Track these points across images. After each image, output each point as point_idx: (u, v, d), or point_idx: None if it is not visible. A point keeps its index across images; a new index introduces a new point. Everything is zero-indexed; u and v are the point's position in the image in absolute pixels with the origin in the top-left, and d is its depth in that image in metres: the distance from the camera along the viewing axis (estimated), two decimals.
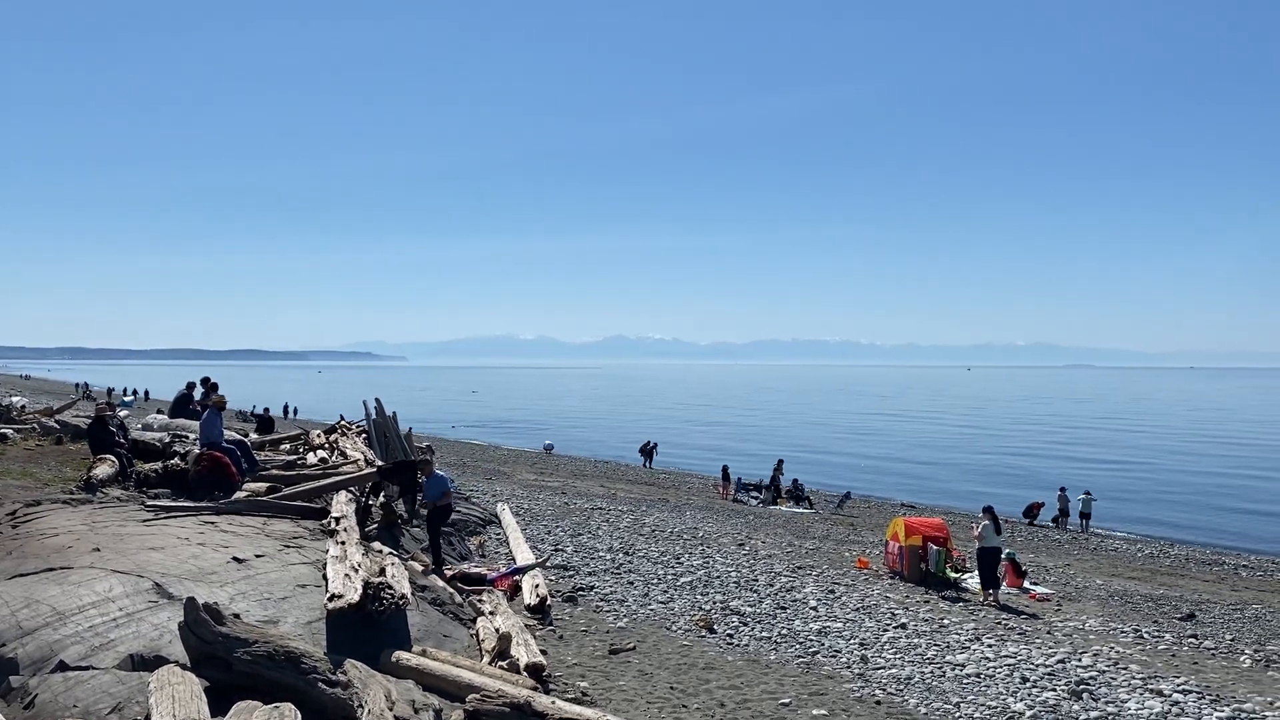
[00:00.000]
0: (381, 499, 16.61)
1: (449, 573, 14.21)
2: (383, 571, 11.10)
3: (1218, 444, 71.40)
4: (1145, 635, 15.06)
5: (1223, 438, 77.37)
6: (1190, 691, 11.51)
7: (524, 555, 16.84)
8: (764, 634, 13.60)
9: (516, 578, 14.75)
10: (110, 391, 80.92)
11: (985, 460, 60.00)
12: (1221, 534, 34.48)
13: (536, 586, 14.04)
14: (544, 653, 10.87)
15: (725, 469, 39.41)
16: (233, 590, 9.88)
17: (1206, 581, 23.43)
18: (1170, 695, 11.32)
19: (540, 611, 13.29)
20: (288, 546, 11.97)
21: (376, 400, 23.13)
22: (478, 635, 11.23)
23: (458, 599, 12.63)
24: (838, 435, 79.42)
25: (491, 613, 12.02)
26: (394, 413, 23.37)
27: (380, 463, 17.49)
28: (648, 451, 51.64)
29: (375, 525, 15.30)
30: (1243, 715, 10.67)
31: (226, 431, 17.55)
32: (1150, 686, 11.69)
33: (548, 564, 16.82)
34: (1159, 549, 29.68)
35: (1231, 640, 15.28)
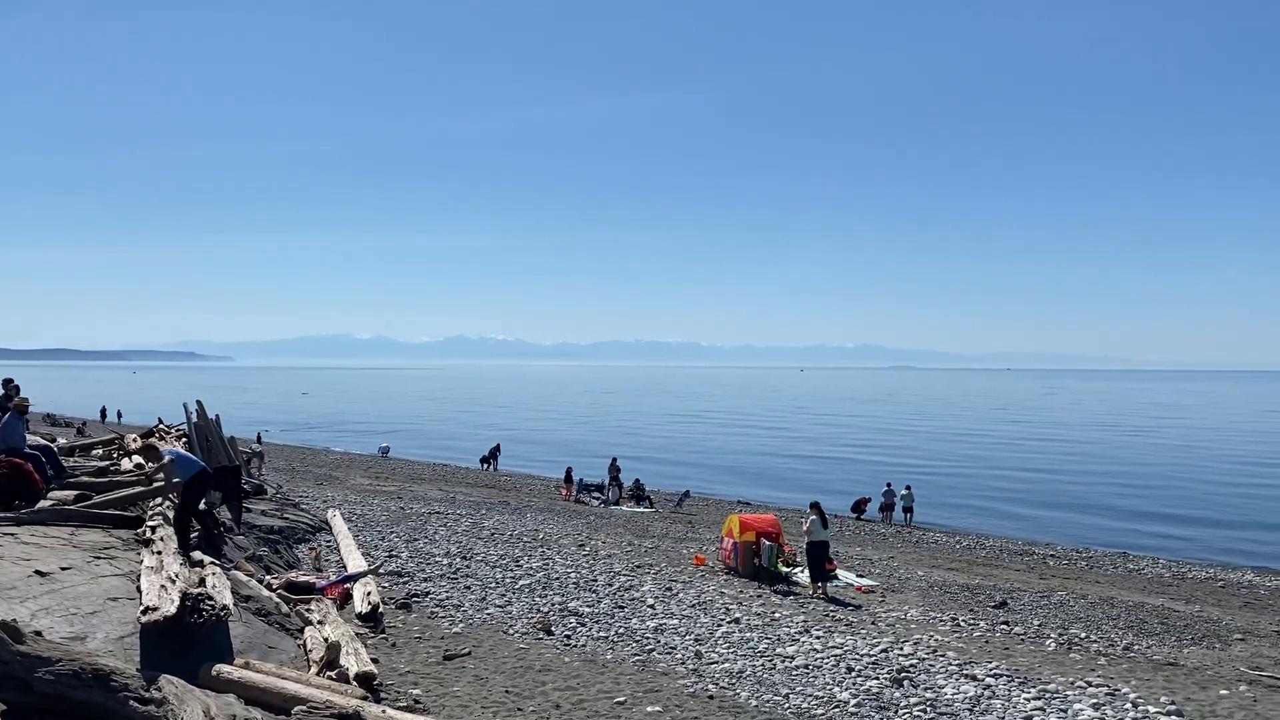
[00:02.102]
0: (203, 506, 15.82)
1: (275, 582, 13.67)
2: (203, 582, 10.58)
3: (1030, 442, 76.14)
4: (962, 623, 15.90)
5: (1034, 436, 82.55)
6: (1001, 675, 12.22)
7: (356, 562, 16.37)
8: (601, 634, 13.66)
9: (348, 585, 14.33)
10: None
11: (813, 458, 62.15)
12: (1031, 527, 36.77)
13: (368, 594, 13.66)
14: (375, 661, 10.60)
15: (569, 470, 39.48)
16: (35, 606, 9.22)
17: (1017, 571, 24.92)
18: (983, 679, 11.98)
19: (372, 619, 12.94)
20: (98, 558, 11.27)
21: (198, 402, 22.13)
22: (305, 645, 10.83)
23: (284, 609, 12.16)
24: (677, 435, 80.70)
25: (320, 622, 11.60)
26: (217, 415, 22.40)
27: None
28: (491, 454, 51.15)
29: (196, 534, 14.56)
30: (1047, 695, 11.39)
31: (30, 437, 16.37)
32: (965, 672, 12.34)
33: (381, 570, 16.41)
34: (975, 541, 31.40)
35: (1039, 626, 16.31)
